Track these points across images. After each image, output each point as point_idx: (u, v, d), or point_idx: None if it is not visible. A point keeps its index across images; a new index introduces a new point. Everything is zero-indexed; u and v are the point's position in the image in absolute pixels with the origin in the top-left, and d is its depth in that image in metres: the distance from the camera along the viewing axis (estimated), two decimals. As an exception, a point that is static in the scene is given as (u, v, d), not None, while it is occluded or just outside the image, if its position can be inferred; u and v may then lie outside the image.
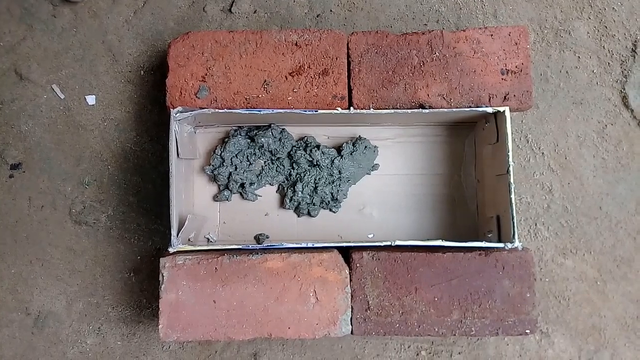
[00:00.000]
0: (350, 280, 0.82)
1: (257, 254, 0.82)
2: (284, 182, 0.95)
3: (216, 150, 0.93)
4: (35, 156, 0.99)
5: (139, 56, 1.01)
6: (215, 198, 0.95)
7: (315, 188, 0.93)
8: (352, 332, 0.82)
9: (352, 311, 0.82)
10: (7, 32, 1.00)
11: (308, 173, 0.93)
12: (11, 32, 1.00)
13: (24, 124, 0.99)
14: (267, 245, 0.84)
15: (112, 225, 0.98)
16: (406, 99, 0.86)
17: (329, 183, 0.93)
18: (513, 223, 0.80)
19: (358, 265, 0.82)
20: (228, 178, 0.93)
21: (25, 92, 1.00)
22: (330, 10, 1.02)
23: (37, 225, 0.98)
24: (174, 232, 0.81)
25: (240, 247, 0.83)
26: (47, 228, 0.98)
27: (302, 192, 0.93)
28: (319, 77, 0.86)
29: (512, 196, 0.81)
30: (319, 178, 0.93)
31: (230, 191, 0.94)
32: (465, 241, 0.81)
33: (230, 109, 0.85)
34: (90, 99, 1.00)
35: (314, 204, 0.93)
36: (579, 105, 1.00)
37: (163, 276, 0.81)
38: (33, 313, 0.97)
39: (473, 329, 0.81)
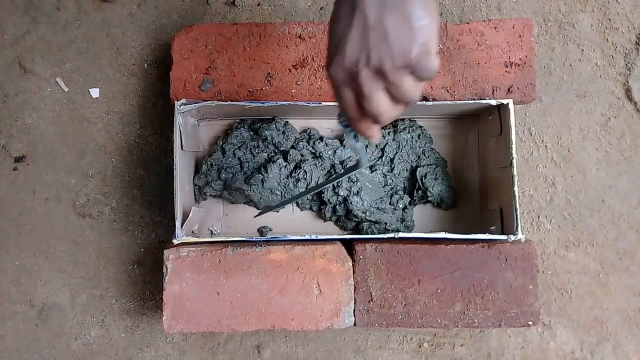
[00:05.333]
0: (354, 272, 0.83)
1: (261, 246, 0.82)
2: (287, 174, 0.95)
3: (218, 142, 0.93)
4: (39, 149, 0.99)
5: (142, 49, 1.01)
6: (219, 191, 0.95)
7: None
8: (355, 324, 0.82)
9: (355, 303, 0.82)
10: (11, 24, 1.00)
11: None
12: (15, 24, 1.00)
13: (28, 116, 0.99)
14: (271, 238, 0.84)
15: (116, 218, 0.99)
16: (409, 91, 0.86)
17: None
18: (516, 215, 0.80)
19: (361, 257, 0.83)
20: (231, 170, 0.93)
21: (29, 85, 1.00)
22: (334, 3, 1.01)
23: (41, 218, 0.98)
24: (178, 223, 0.81)
25: (243, 239, 0.83)
26: (51, 220, 0.98)
27: (305, 185, 0.93)
28: (323, 69, 0.86)
29: (515, 189, 0.81)
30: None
31: (234, 184, 0.94)
32: (468, 233, 0.81)
33: (233, 101, 0.85)
34: (94, 92, 1.00)
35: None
36: (583, 98, 0.99)
37: (167, 268, 0.81)
38: (37, 305, 0.97)
39: (475, 320, 0.81)
